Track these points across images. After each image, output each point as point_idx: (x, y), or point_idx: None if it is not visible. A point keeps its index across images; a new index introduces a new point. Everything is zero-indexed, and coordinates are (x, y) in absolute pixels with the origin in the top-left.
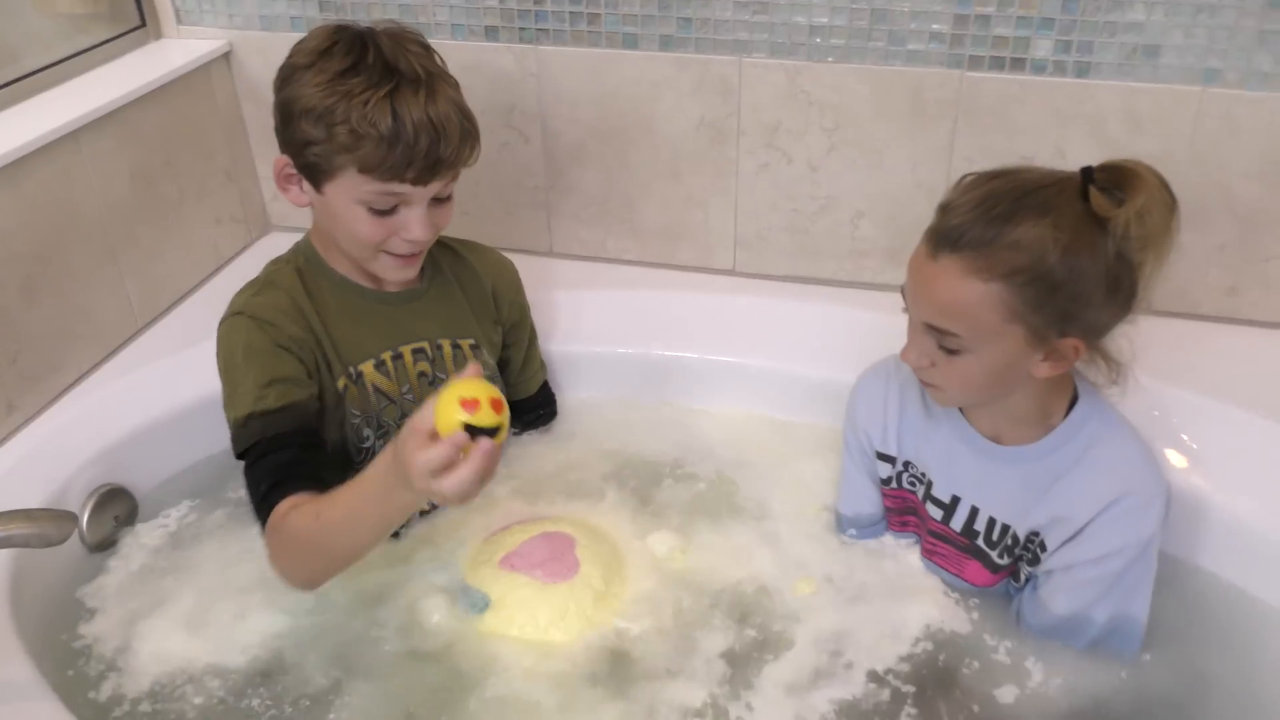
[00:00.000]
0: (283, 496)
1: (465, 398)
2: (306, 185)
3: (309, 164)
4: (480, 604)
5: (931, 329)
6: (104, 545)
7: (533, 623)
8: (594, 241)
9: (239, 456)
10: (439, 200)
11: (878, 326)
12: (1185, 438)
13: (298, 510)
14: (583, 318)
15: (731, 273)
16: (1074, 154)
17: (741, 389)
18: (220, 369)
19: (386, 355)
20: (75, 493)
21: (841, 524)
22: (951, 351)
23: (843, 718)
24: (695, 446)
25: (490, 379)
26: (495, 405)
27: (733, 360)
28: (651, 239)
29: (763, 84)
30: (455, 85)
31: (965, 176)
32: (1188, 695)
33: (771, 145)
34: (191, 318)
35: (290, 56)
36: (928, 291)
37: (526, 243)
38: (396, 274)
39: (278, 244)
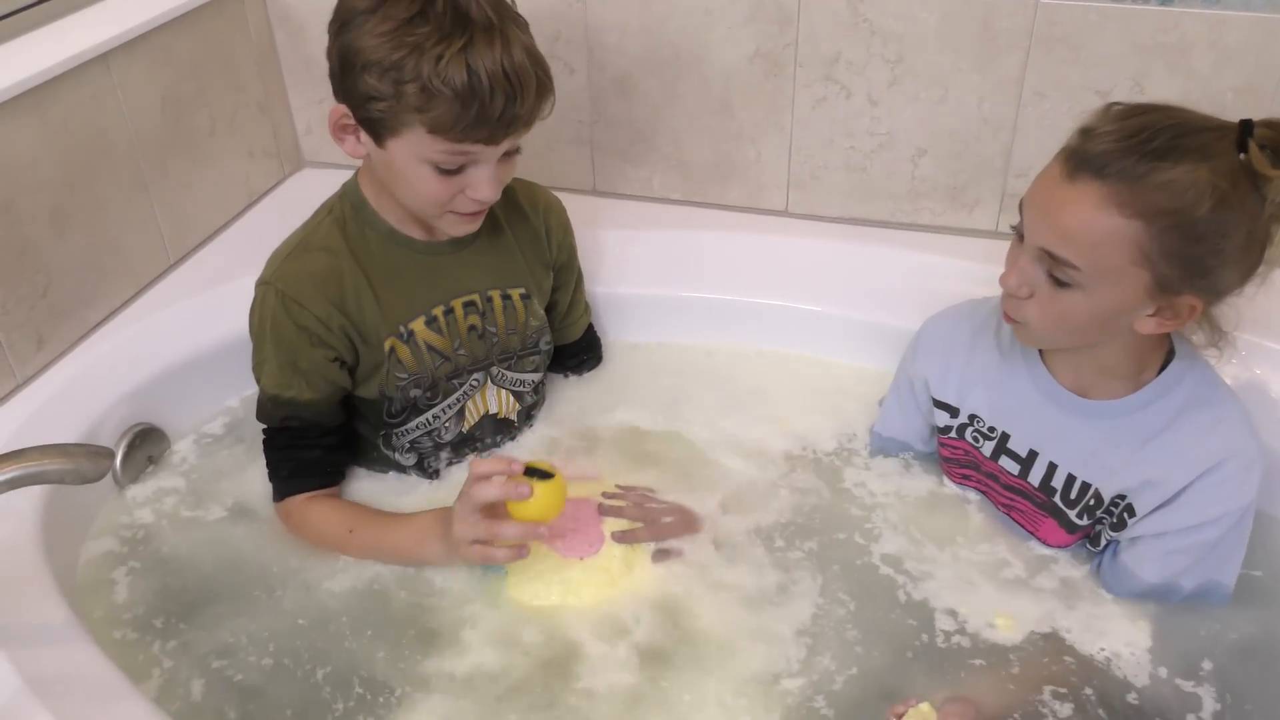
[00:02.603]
0: (302, 489)
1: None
2: (365, 137)
3: (371, 119)
4: (497, 570)
5: (1046, 255)
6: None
7: (545, 595)
8: (640, 180)
9: (262, 424)
10: (508, 154)
11: (936, 271)
12: (1270, 389)
13: (325, 510)
14: (628, 259)
15: (784, 213)
16: (1153, 88)
17: (793, 333)
18: (251, 331)
19: (438, 310)
20: (108, 431)
21: (874, 443)
22: (1062, 284)
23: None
24: (744, 392)
25: (538, 328)
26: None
27: (784, 304)
28: (700, 177)
29: (822, 11)
30: (525, 26)
31: (1112, 105)
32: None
33: (830, 78)
34: (225, 255)
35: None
36: (1055, 214)
37: (569, 180)
38: (460, 230)
39: (311, 181)
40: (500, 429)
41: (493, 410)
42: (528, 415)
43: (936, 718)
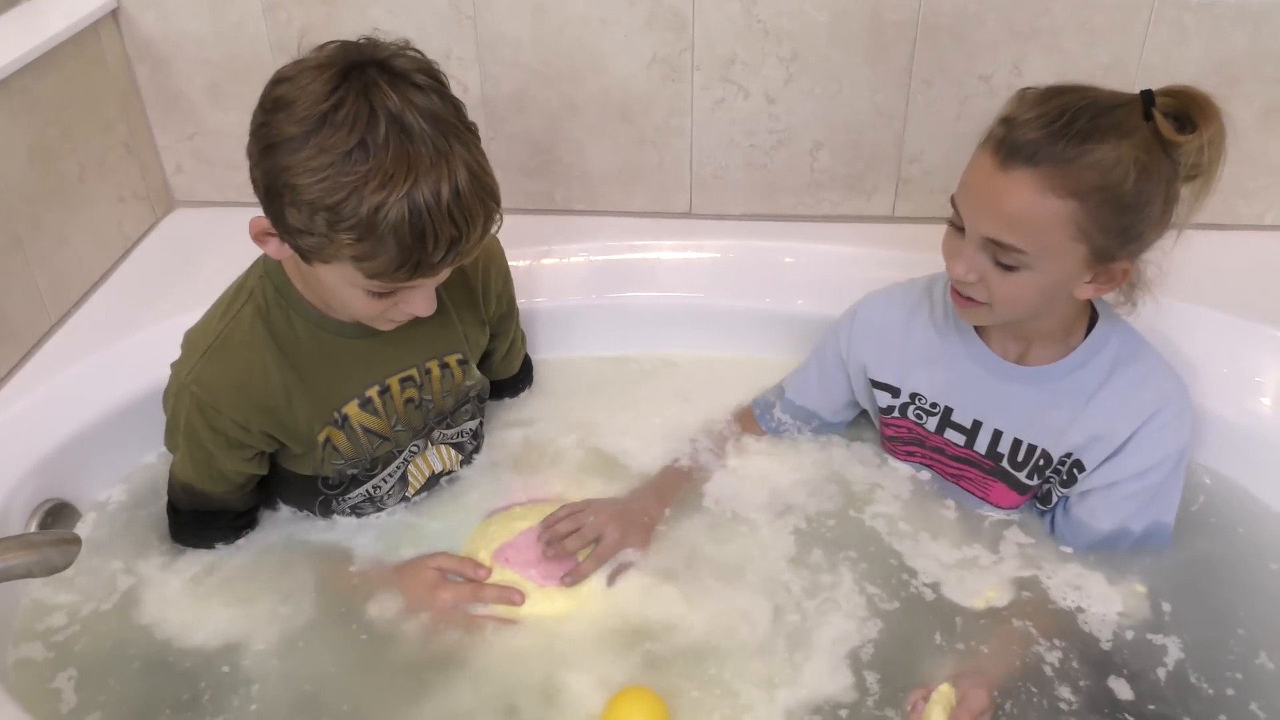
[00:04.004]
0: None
1: None
2: (290, 248)
3: (299, 246)
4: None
5: (991, 243)
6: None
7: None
8: (540, 193)
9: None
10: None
11: (841, 258)
12: (1172, 341)
13: None
14: (535, 274)
15: (688, 215)
16: (1030, 70)
17: (709, 332)
18: (165, 411)
19: (373, 391)
20: (16, 514)
21: (783, 407)
22: (1009, 268)
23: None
24: (669, 396)
25: (472, 385)
26: None
27: (697, 305)
28: (603, 186)
29: (717, 15)
30: (473, 138)
31: (1027, 90)
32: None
33: (727, 79)
34: (107, 309)
35: (275, 108)
36: (996, 204)
37: None
38: (393, 326)
39: (185, 222)
40: (443, 478)
41: (437, 469)
42: (469, 459)
43: (954, 695)
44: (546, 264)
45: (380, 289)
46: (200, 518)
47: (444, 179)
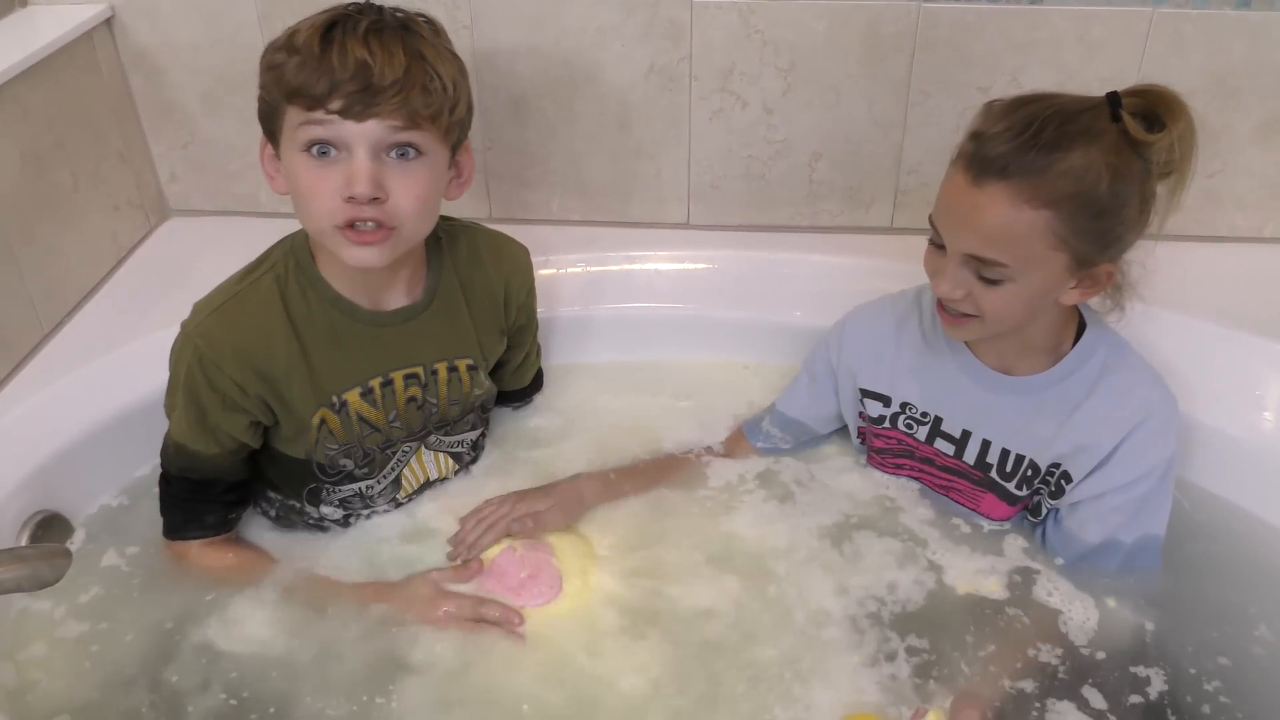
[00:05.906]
0: (195, 537)
1: None
2: (278, 161)
3: (265, 120)
4: None
5: (973, 259)
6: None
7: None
8: (538, 203)
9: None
10: (402, 159)
11: (839, 269)
12: (1160, 350)
13: (223, 558)
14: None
15: (686, 226)
16: (1029, 81)
17: (708, 341)
18: (169, 366)
19: (375, 382)
20: (6, 524)
21: (772, 420)
22: (992, 281)
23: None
24: (666, 405)
25: (480, 395)
26: None
27: (697, 315)
28: (600, 196)
29: (715, 25)
30: (439, 50)
31: (992, 103)
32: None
33: (725, 89)
34: (101, 318)
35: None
36: (972, 221)
37: (463, 210)
38: (357, 258)
39: (179, 230)
40: (435, 487)
41: (432, 476)
42: (466, 469)
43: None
44: (543, 274)
45: (308, 132)
46: (190, 486)
47: (365, 23)
